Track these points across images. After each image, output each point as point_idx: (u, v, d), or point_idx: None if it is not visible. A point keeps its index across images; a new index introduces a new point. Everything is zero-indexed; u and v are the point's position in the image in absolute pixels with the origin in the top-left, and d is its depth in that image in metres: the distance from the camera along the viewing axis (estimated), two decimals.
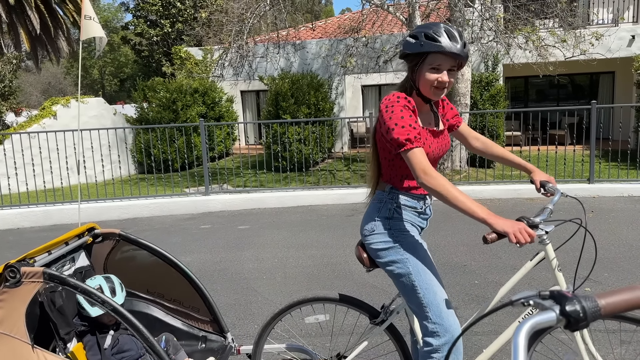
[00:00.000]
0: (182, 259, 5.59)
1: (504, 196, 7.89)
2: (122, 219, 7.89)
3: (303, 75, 12.54)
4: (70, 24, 22.13)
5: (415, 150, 1.91)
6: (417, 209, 2.14)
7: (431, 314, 2.03)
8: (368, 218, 2.16)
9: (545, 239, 2.03)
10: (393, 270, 2.09)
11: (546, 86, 15.16)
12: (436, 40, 1.91)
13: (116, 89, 45.51)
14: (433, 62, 1.95)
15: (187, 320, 2.81)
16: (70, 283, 2.06)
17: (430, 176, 1.86)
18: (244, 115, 16.29)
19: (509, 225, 1.76)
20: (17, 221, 7.60)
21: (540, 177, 2.29)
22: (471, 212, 1.80)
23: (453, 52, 1.91)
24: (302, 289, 4.51)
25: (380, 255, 2.12)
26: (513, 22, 10.01)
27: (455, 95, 10.19)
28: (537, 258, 2.13)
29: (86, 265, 2.75)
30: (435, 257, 5.17)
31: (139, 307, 2.82)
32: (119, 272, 2.76)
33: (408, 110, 1.96)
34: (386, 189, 2.14)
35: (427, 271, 2.07)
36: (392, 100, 1.98)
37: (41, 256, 2.38)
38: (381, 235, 2.11)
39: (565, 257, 4.78)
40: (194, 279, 2.74)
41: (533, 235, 1.75)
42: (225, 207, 8.10)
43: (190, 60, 15.87)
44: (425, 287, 2.04)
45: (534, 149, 10.04)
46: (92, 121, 12.64)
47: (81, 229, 2.70)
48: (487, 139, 2.38)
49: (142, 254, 2.76)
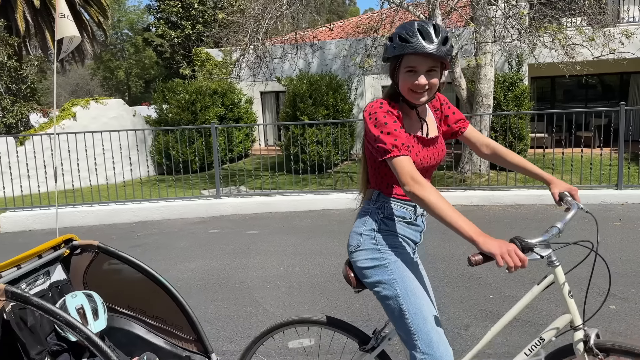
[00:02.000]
0: (187, 265, 5.45)
1: (526, 202, 7.54)
2: (132, 221, 7.82)
3: (322, 76, 12.35)
4: (95, 26, 22.41)
5: (401, 157, 1.75)
6: (407, 218, 1.94)
7: (420, 342, 1.82)
8: (353, 233, 1.97)
9: (555, 260, 1.80)
10: (379, 292, 1.90)
11: (574, 86, 14.64)
12: (408, 41, 1.76)
13: (142, 90, 46.11)
14: (407, 65, 1.80)
15: (170, 338, 2.64)
16: (34, 303, 1.90)
17: (417, 184, 1.70)
18: (263, 116, 16.19)
19: (497, 247, 1.56)
20: (28, 223, 7.60)
21: (560, 188, 2.04)
22: (458, 228, 1.62)
23: (426, 52, 1.74)
24: (305, 300, 4.31)
25: (365, 275, 1.92)
26: (538, 20, 9.62)
27: (477, 95, 9.86)
28: (546, 282, 1.89)
29: (63, 280, 2.60)
30: (450, 268, 4.91)
31: (119, 323, 2.66)
32: (99, 287, 2.60)
33: (392, 116, 1.81)
34: (373, 197, 1.95)
35: (416, 294, 1.86)
36: (375, 106, 1.84)
37: (9, 271, 2.23)
38: (367, 252, 1.92)
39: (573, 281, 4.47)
40: (177, 296, 2.57)
41: (524, 259, 1.54)
42: (236, 211, 7.96)
43: (210, 62, 15.85)
44: (414, 312, 1.84)
45: (559, 151, 9.64)
46: (111, 122, 12.67)
47: (57, 240, 2.55)
48: (500, 145, 2.14)
49: (123, 268, 2.60)
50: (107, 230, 7.41)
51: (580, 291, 3.98)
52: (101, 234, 7.17)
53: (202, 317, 4.05)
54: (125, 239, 6.78)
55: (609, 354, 1.78)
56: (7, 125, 12.51)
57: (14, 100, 12.50)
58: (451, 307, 3.99)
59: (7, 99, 12.35)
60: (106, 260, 2.59)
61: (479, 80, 9.87)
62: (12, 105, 12.46)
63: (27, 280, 2.37)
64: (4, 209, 7.96)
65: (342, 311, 4.00)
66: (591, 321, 3.60)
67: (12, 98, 12.48)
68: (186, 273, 5.19)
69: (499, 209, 7.44)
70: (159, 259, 5.74)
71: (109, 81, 48.61)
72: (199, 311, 4.18)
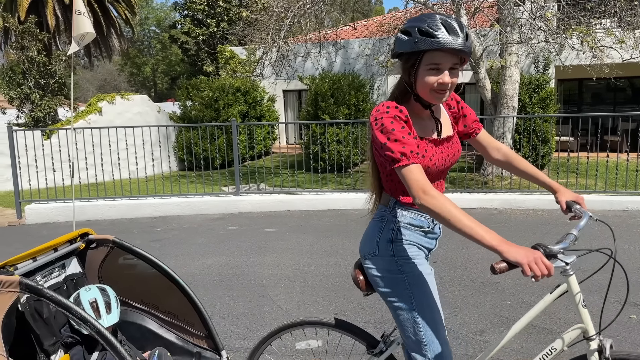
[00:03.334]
0: (204, 261, 5.49)
1: (548, 207, 7.40)
2: (153, 216, 7.92)
3: (344, 75, 12.32)
4: (123, 22, 22.75)
5: (411, 166, 1.65)
6: (424, 227, 1.87)
7: (430, 352, 1.82)
8: (368, 239, 1.91)
9: (569, 269, 1.74)
10: (393, 302, 1.86)
11: (602, 89, 14.32)
12: (433, 36, 1.62)
13: (167, 86, 46.69)
14: (431, 61, 1.66)
15: (182, 334, 2.67)
16: (47, 295, 1.92)
17: (429, 195, 1.60)
18: (286, 114, 16.23)
19: (523, 255, 1.49)
20: (52, 215, 7.75)
21: (567, 197, 2.01)
22: (478, 238, 1.53)
23: (454, 48, 1.62)
24: (319, 300, 4.30)
25: (380, 284, 1.88)
26: (566, 22, 9.43)
27: (502, 97, 9.71)
28: (558, 291, 1.84)
29: (78, 273, 2.64)
30: (467, 272, 4.85)
31: (132, 317, 2.69)
32: (114, 281, 2.64)
33: (400, 122, 1.69)
34: (389, 204, 1.87)
35: (432, 308, 1.83)
36: (382, 111, 1.72)
37: (24, 263, 2.27)
38: (383, 262, 1.86)
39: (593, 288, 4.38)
40: (189, 292, 2.59)
41: (550, 267, 1.48)
42: (255, 209, 7.99)
43: (234, 60, 15.95)
44: (428, 325, 1.82)
45: (584, 155, 9.44)
46: (136, 118, 12.87)
47: (74, 234, 2.59)
48: (510, 150, 2.07)
49: (138, 263, 2.63)
50: (128, 224, 7.52)
51: (598, 298, 3.90)
52: (122, 228, 7.28)
53: (217, 313, 4.09)
54: (146, 233, 6.87)
55: None
56: (36, 119, 12.78)
57: (42, 95, 12.76)
58: (467, 312, 3.94)
59: (36, 93, 12.62)
60: (121, 254, 2.62)
61: (503, 81, 9.72)
62: (41, 100, 12.72)
63: (43, 273, 2.41)
64: (29, 201, 8.14)
65: (356, 312, 3.99)
66: (610, 331, 3.53)
67: (40, 92, 12.74)
68: (203, 269, 5.23)
69: (521, 212, 7.32)
70: (178, 254, 5.80)
71: (135, 77, 49.34)
72: (214, 307, 4.21)
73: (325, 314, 3.97)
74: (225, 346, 3.48)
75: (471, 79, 13.52)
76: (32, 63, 12.49)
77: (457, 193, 7.97)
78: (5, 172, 11.04)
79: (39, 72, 12.60)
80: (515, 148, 10.24)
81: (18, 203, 8.02)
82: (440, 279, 4.66)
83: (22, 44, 12.43)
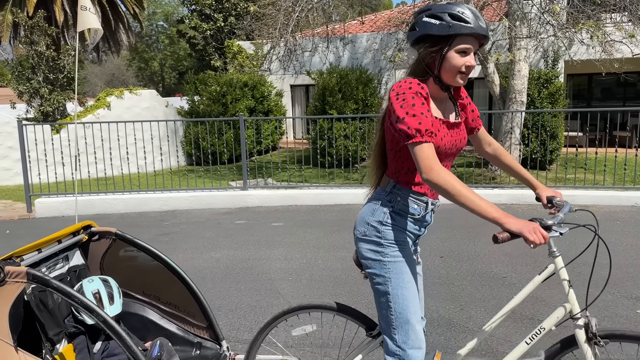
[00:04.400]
0: (212, 254, 5.53)
1: None
2: (162, 210, 7.98)
3: (352, 70, 12.30)
4: (131, 17, 22.81)
5: (423, 144, 1.73)
6: (415, 215, 1.94)
7: (398, 336, 1.92)
8: (361, 220, 1.99)
9: (555, 250, 1.88)
10: (373, 283, 1.97)
11: (612, 84, 14.21)
12: (465, 21, 1.73)
13: (175, 81, 46.81)
14: (462, 45, 1.77)
15: (183, 324, 2.71)
16: (53, 286, 1.96)
17: (435, 172, 1.70)
18: (293, 109, 16.24)
19: (523, 225, 1.64)
20: (62, 209, 7.83)
21: (547, 192, 2.15)
22: (481, 211, 1.66)
23: (482, 33, 1.75)
24: (326, 293, 4.33)
25: (365, 264, 1.98)
26: (575, 16, 9.36)
27: (510, 92, 9.67)
28: (546, 272, 1.95)
29: (81, 264, 2.68)
30: (473, 266, 4.86)
31: (134, 308, 2.73)
32: (116, 272, 2.68)
33: (420, 98, 1.76)
34: (387, 187, 1.95)
35: (406, 296, 1.92)
36: (404, 87, 1.78)
37: (30, 254, 2.31)
38: (370, 244, 1.95)
39: (582, 269, 4.37)
40: (190, 284, 2.62)
41: (547, 236, 1.64)
42: (262, 203, 8.03)
43: (242, 54, 15.96)
44: (399, 311, 1.91)
45: (593, 150, 9.39)
46: (144, 113, 12.93)
47: (77, 227, 2.63)
48: (499, 145, 2.21)
49: (139, 255, 2.67)
50: (137, 218, 7.58)
51: (585, 278, 3.91)
52: (131, 222, 7.34)
53: (225, 305, 4.12)
54: (154, 227, 6.92)
55: (610, 340, 1.84)
56: (45, 113, 12.88)
57: (51, 89, 12.85)
58: (473, 306, 3.96)
59: (45, 88, 12.71)
60: (123, 247, 2.66)
61: (512, 76, 9.67)
62: (50, 94, 12.81)
63: (47, 264, 2.45)
64: (39, 195, 8.22)
65: (363, 305, 4.01)
66: (616, 326, 3.52)
67: (49, 87, 12.83)
68: (211, 262, 5.27)
69: (528, 208, 7.31)
70: (186, 247, 5.85)
71: (143, 72, 49.50)
72: (222, 300, 4.25)
73: None
74: (232, 338, 3.53)
75: (480, 74, 13.46)
76: (41, 58, 12.58)
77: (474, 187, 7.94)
78: (16, 166, 11.16)
79: (47, 67, 12.68)
80: (524, 143, 10.20)
81: (28, 197, 8.11)
82: (447, 274, 4.68)
83: (31, 39, 12.51)
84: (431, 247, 5.48)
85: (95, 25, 5.26)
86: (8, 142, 11.38)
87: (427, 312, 3.89)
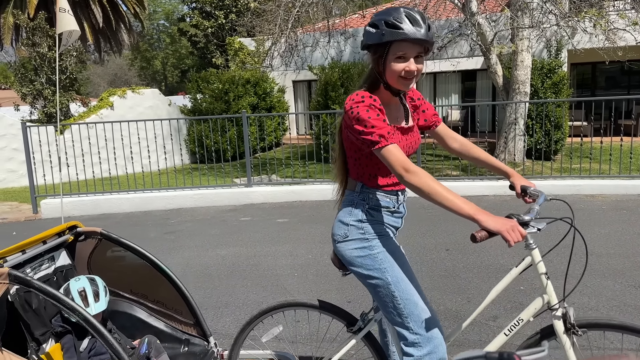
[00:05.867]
0: (218, 251, 5.54)
1: (561, 192, 7.34)
2: (167, 209, 7.99)
3: (354, 64, 12.27)
4: (132, 17, 22.81)
5: (390, 147, 1.79)
6: (390, 207, 1.99)
7: (412, 324, 1.90)
8: (339, 223, 2.02)
9: (532, 243, 1.90)
10: (369, 280, 1.96)
11: (616, 73, 14.11)
12: (398, 28, 1.77)
13: (177, 80, 46.84)
14: (397, 51, 1.80)
15: (171, 322, 2.72)
16: (35, 286, 1.96)
17: (411, 173, 1.74)
18: (296, 105, 16.22)
19: (501, 224, 1.65)
20: (67, 210, 7.85)
21: (521, 182, 2.16)
22: (457, 209, 1.68)
23: (417, 38, 1.76)
24: (332, 288, 4.33)
25: (355, 264, 1.97)
26: (578, 5, 9.29)
27: (514, 82, 9.63)
28: (523, 264, 1.98)
29: (67, 264, 2.69)
30: (479, 259, 4.85)
31: (122, 307, 2.74)
32: (103, 271, 2.69)
33: (375, 110, 1.82)
34: (357, 189, 1.99)
35: (406, 280, 1.93)
36: (357, 100, 1.84)
37: (14, 255, 2.32)
38: (355, 242, 1.96)
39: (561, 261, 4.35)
40: (176, 282, 2.63)
41: (524, 234, 1.66)
42: (267, 200, 8.03)
43: (243, 51, 15.94)
44: (405, 297, 1.91)
45: (598, 140, 9.34)
46: (147, 112, 12.95)
47: (62, 227, 2.64)
48: (465, 139, 2.23)
49: (126, 254, 2.68)
50: (143, 217, 7.60)
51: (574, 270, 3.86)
52: (137, 221, 7.36)
53: (231, 302, 4.13)
54: (160, 226, 6.94)
55: (589, 329, 1.87)
56: (48, 114, 12.92)
57: (54, 91, 12.88)
58: (480, 298, 3.95)
59: (48, 89, 12.74)
60: (109, 246, 2.67)
61: (515, 67, 9.63)
62: (53, 95, 12.85)
63: (32, 265, 2.46)
64: (44, 196, 8.26)
65: (368, 300, 4.01)
66: (626, 312, 3.51)
67: (52, 88, 12.86)
68: (217, 259, 5.28)
69: None
70: (192, 245, 5.86)
71: (145, 71, 49.54)
72: (229, 297, 4.26)
73: (308, 297, 3.99)
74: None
75: (482, 65, 13.40)
76: (43, 59, 12.60)
77: (470, 180, 7.93)
78: (21, 167, 11.20)
79: (50, 68, 12.70)
80: (528, 134, 10.16)
81: (34, 198, 8.14)
82: (453, 266, 4.67)
83: (33, 40, 12.53)
84: (437, 240, 5.48)
85: (74, 26, 5.26)
86: (13, 144, 11.43)
87: (434, 305, 3.89)
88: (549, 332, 1.92)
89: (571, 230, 1.93)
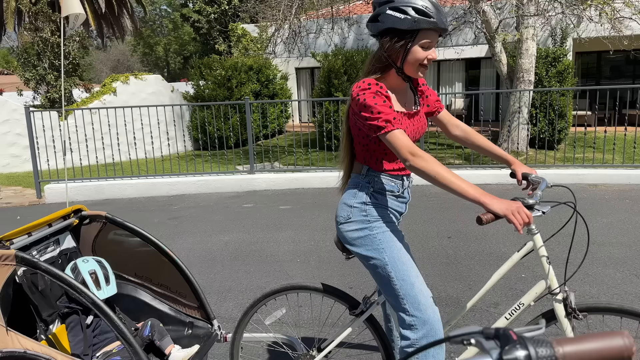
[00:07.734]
0: (221, 237, 5.57)
1: (564, 181, 7.34)
2: (170, 195, 8.02)
3: (357, 52, 12.21)
4: (135, 2, 22.68)
5: (396, 132, 1.80)
6: (395, 192, 2.01)
7: (408, 306, 1.92)
8: (343, 205, 2.03)
9: (534, 228, 1.90)
10: (369, 261, 1.98)
11: (622, 62, 14.02)
12: (429, 16, 1.76)
13: (180, 66, 46.68)
14: (424, 39, 1.81)
15: (175, 305, 2.75)
16: (42, 268, 1.98)
17: (418, 157, 1.76)
18: (299, 92, 16.17)
19: (506, 206, 1.67)
20: (71, 195, 7.89)
21: (522, 169, 2.16)
22: (464, 193, 1.71)
23: (444, 28, 1.79)
24: (334, 274, 4.36)
25: (355, 244, 2.00)
26: None
27: (518, 71, 9.58)
28: (525, 249, 1.98)
29: (72, 248, 2.71)
30: (481, 246, 4.87)
31: (127, 290, 2.77)
32: (108, 255, 2.71)
33: (381, 97, 1.83)
34: (362, 171, 2.00)
35: (403, 262, 1.95)
36: (363, 87, 1.85)
37: (20, 238, 2.34)
38: (356, 223, 1.98)
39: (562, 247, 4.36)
40: (180, 265, 2.66)
41: (530, 216, 1.66)
42: (270, 187, 8.06)
43: (246, 38, 15.86)
44: (401, 278, 1.92)
45: (602, 129, 9.31)
46: (150, 98, 12.94)
47: (67, 210, 2.65)
48: (468, 127, 2.24)
49: (131, 238, 2.70)
50: (146, 203, 7.63)
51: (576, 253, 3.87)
52: (140, 206, 7.40)
53: (235, 287, 4.17)
54: (163, 212, 6.97)
55: (589, 313, 1.89)
56: (51, 100, 12.92)
57: (57, 76, 12.87)
58: (481, 285, 3.95)
59: (51, 75, 12.73)
60: (114, 230, 2.69)
61: (520, 55, 9.57)
62: (56, 81, 12.84)
63: (38, 248, 2.48)
64: (48, 181, 8.29)
65: (370, 286, 4.04)
66: (627, 300, 3.53)
67: (55, 73, 12.85)
68: (220, 245, 5.31)
69: None
70: (195, 231, 5.89)
71: (148, 57, 49.36)
72: (232, 282, 4.29)
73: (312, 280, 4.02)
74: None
75: (487, 54, 13.33)
76: (46, 44, 12.58)
77: (473, 169, 7.94)
78: (24, 152, 11.24)
79: (53, 53, 12.68)
80: (532, 123, 10.13)
81: (37, 183, 8.17)
82: (455, 254, 4.69)
83: (36, 25, 12.50)
84: (439, 228, 5.49)
85: (79, 10, 5.26)
86: (16, 129, 11.45)
87: (435, 292, 3.91)
88: (550, 317, 1.94)
89: (573, 215, 1.94)
